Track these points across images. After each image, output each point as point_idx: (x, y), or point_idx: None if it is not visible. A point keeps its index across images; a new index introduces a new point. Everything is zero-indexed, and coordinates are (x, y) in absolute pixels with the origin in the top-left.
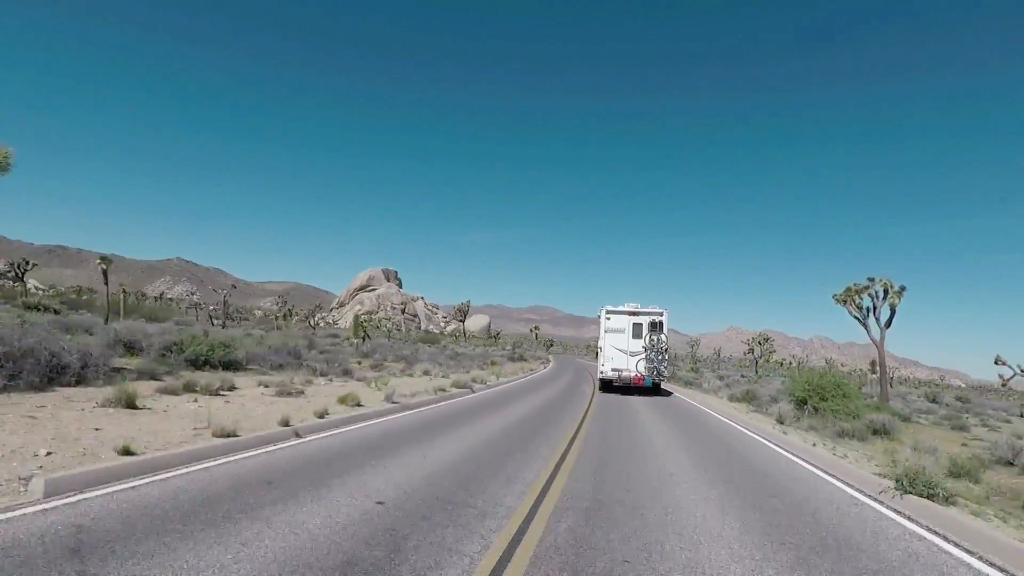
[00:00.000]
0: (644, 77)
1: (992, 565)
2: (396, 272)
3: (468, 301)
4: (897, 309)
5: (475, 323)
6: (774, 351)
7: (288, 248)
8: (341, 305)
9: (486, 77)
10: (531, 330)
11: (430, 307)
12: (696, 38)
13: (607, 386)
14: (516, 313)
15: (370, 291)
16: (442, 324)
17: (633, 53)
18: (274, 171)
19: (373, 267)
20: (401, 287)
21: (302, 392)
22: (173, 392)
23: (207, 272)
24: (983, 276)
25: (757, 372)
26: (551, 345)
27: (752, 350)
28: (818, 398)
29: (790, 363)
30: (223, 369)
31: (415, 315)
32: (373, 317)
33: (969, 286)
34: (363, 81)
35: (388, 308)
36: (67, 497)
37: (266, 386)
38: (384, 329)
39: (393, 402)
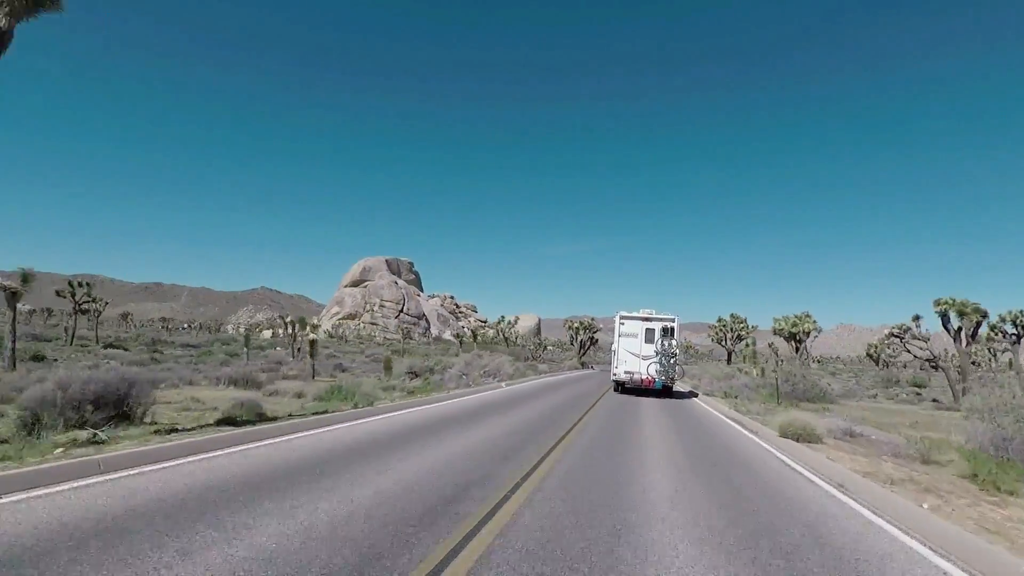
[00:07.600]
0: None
1: None
2: (411, 263)
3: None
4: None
5: (522, 324)
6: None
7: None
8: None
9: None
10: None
11: (462, 308)
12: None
13: (620, 387)
14: (603, 323)
15: (364, 287)
16: (468, 330)
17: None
18: (351, 198)
19: (373, 256)
20: (419, 282)
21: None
22: None
23: (290, 299)
24: None
25: None
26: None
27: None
28: None
29: None
30: None
31: (420, 316)
32: (349, 323)
33: None
34: (447, 103)
35: (375, 308)
36: None
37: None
38: (351, 338)
39: None
